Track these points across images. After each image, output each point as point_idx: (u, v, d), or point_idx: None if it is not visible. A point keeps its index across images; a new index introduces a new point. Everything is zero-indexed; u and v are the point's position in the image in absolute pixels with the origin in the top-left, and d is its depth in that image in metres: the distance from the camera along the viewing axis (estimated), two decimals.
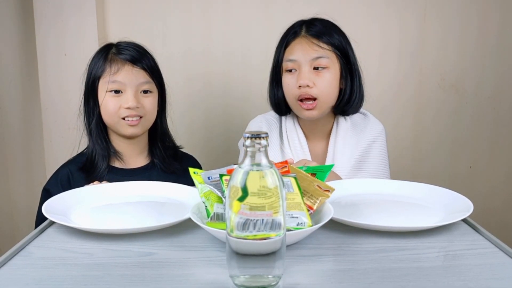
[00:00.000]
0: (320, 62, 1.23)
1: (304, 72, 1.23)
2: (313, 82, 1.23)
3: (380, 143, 1.33)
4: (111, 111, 1.24)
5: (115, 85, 1.24)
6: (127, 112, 1.24)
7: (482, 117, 1.97)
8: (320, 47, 1.23)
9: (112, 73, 1.23)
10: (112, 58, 1.25)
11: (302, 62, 1.24)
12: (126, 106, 1.23)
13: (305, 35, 1.26)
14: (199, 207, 0.88)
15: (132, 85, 1.24)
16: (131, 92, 1.24)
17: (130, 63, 1.25)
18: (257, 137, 0.64)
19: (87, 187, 1.07)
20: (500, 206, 2.03)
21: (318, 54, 1.23)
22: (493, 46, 1.92)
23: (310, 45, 1.24)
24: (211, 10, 1.86)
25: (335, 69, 1.25)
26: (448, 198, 0.98)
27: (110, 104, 1.24)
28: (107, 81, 1.23)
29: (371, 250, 0.79)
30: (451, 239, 0.83)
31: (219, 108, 1.92)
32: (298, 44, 1.25)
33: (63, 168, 1.29)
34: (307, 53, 1.23)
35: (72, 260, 0.76)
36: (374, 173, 1.30)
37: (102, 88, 1.25)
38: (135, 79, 1.24)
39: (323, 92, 1.24)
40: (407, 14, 1.89)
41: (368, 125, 1.34)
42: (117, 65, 1.24)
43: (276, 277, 0.65)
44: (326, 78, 1.24)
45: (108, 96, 1.24)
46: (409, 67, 1.93)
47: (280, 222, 0.64)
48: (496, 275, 0.70)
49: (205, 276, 0.70)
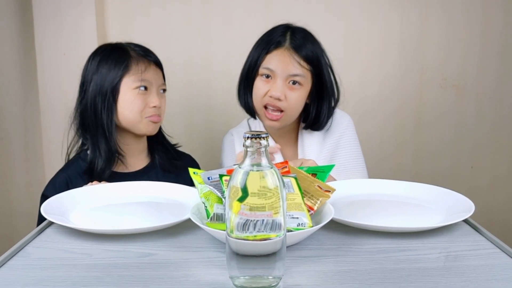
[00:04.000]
0: (296, 79, 1.24)
1: (278, 85, 1.23)
2: (284, 96, 1.24)
3: (349, 135, 1.35)
4: (137, 109, 1.24)
5: (145, 83, 1.24)
6: (152, 111, 1.25)
7: (484, 117, 1.97)
8: (300, 65, 1.24)
9: (141, 70, 1.24)
10: (137, 56, 1.26)
11: (278, 74, 1.24)
12: (153, 105, 1.25)
13: (288, 48, 1.25)
14: (199, 208, 0.87)
15: (155, 84, 1.27)
16: (155, 91, 1.27)
17: (154, 63, 1.28)
18: (257, 137, 0.63)
19: (86, 187, 1.07)
20: (501, 206, 2.03)
21: (297, 71, 1.24)
22: (494, 46, 1.92)
23: (291, 60, 1.23)
24: (211, 10, 1.85)
25: (307, 86, 1.27)
26: (450, 199, 0.97)
27: (139, 101, 1.23)
28: (136, 79, 1.23)
29: (372, 250, 0.78)
30: (452, 239, 0.83)
31: (219, 108, 1.92)
32: (280, 56, 1.24)
33: (60, 174, 1.27)
34: (287, 68, 1.23)
35: (71, 261, 0.75)
36: (346, 164, 1.32)
37: (128, 85, 1.23)
38: (158, 79, 1.28)
39: (291, 107, 1.25)
40: (409, 13, 1.89)
41: (335, 120, 1.35)
42: (144, 63, 1.25)
43: (276, 278, 0.65)
44: (298, 94, 1.25)
45: (135, 93, 1.23)
46: (410, 66, 1.93)
47: (280, 222, 0.64)
48: (498, 275, 0.69)
49: (205, 277, 0.70)
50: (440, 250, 0.78)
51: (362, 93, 1.90)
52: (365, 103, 1.89)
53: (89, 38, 1.76)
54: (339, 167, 1.30)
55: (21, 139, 1.86)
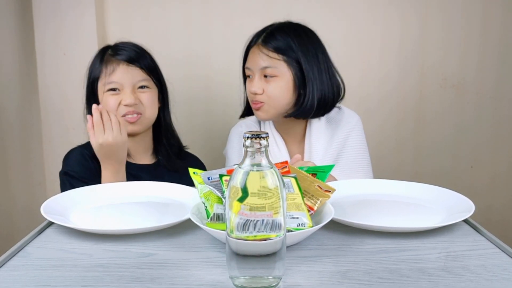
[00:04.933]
0: (268, 71, 1.26)
1: (255, 81, 1.28)
2: (262, 89, 1.27)
3: (356, 134, 1.36)
4: (111, 109, 1.25)
5: (112, 85, 1.27)
6: (126, 109, 1.26)
7: (484, 117, 1.97)
8: (269, 57, 1.26)
9: (108, 73, 1.27)
10: (107, 59, 1.28)
11: (254, 71, 1.29)
12: (125, 103, 1.26)
13: (259, 44, 1.29)
14: (199, 208, 0.87)
15: (128, 83, 1.27)
16: (129, 89, 1.27)
17: (125, 63, 1.28)
18: (257, 137, 0.63)
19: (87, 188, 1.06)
20: (501, 206, 2.02)
21: (266, 63, 1.26)
22: (494, 46, 1.92)
23: (259, 54, 1.27)
24: (211, 9, 1.85)
25: (286, 77, 1.27)
26: (450, 199, 0.97)
27: (110, 102, 1.26)
28: (104, 82, 1.27)
29: (372, 250, 0.78)
30: (452, 239, 0.83)
31: (219, 108, 1.92)
32: (252, 53, 1.30)
33: (76, 151, 1.31)
34: (257, 62, 1.28)
35: (71, 261, 0.75)
36: (351, 163, 1.32)
37: (101, 89, 1.28)
38: (131, 78, 1.28)
39: (270, 98, 1.27)
40: (409, 13, 1.89)
41: (343, 119, 1.37)
42: (112, 66, 1.27)
43: (276, 278, 0.65)
44: (274, 85, 1.27)
45: (106, 95, 1.27)
46: (410, 67, 1.92)
47: (280, 222, 0.64)
48: (498, 276, 0.69)
49: (205, 277, 0.70)
50: (440, 250, 0.78)
51: (362, 93, 1.90)
52: (365, 103, 1.89)
53: (89, 38, 1.76)
54: (344, 165, 1.31)
55: (21, 139, 1.86)
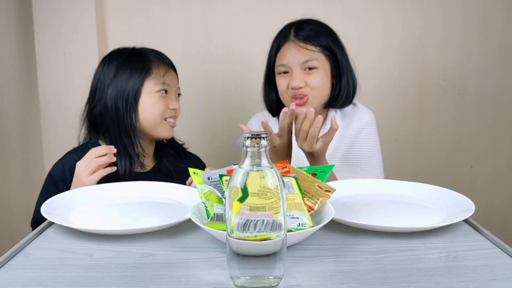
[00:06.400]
0: (310, 64, 1.29)
1: (295, 75, 1.29)
2: (304, 82, 1.29)
3: (369, 131, 1.37)
4: (158, 112, 1.26)
5: (165, 87, 1.28)
6: (171, 113, 1.29)
7: (484, 117, 1.97)
8: (309, 50, 1.29)
9: (162, 74, 1.27)
10: (157, 61, 1.29)
11: (293, 66, 1.30)
12: (172, 107, 1.29)
13: (293, 39, 1.31)
14: (199, 208, 0.87)
15: (174, 88, 1.31)
16: (173, 95, 1.31)
17: (171, 68, 1.32)
18: (257, 137, 0.63)
19: (87, 187, 1.06)
20: (501, 206, 2.02)
21: (307, 57, 1.29)
22: (495, 47, 1.92)
23: (299, 49, 1.29)
24: (211, 9, 1.85)
25: (325, 68, 1.31)
26: (450, 199, 0.97)
27: (160, 103, 1.26)
28: (158, 82, 1.26)
29: (372, 250, 0.78)
30: (452, 239, 0.82)
31: (219, 107, 1.92)
32: (287, 49, 1.31)
33: (71, 155, 1.26)
34: (297, 57, 1.29)
35: (71, 261, 0.75)
36: (360, 160, 1.33)
37: (150, 88, 1.26)
38: (175, 83, 1.32)
39: (314, 90, 1.30)
40: (408, 14, 1.89)
41: (357, 114, 1.38)
42: (164, 67, 1.29)
43: (276, 278, 0.65)
44: (317, 77, 1.29)
45: (157, 96, 1.26)
46: (410, 67, 1.92)
47: (280, 222, 0.64)
48: (498, 276, 0.69)
49: (205, 277, 0.70)
50: (441, 250, 0.78)
51: (362, 93, 1.89)
52: (365, 103, 1.88)
53: (89, 38, 1.76)
54: (351, 161, 1.32)
55: (20, 138, 1.86)
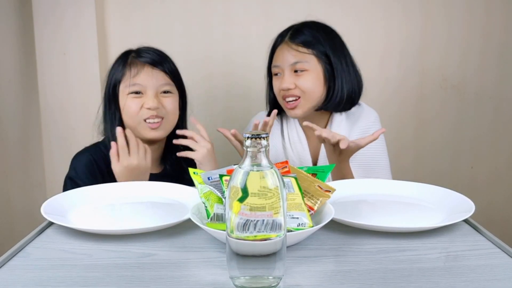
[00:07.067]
0: (299, 66, 1.29)
1: (285, 77, 1.30)
2: (294, 84, 1.29)
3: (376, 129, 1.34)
4: (132, 113, 1.24)
5: (135, 88, 1.25)
6: (148, 113, 1.24)
7: (484, 117, 1.97)
8: (299, 52, 1.29)
9: (132, 76, 1.25)
10: (131, 62, 1.27)
11: (284, 67, 1.31)
12: (147, 107, 1.23)
13: (286, 42, 1.32)
14: (199, 208, 0.87)
15: (152, 87, 1.25)
16: (151, 93, 1.25)
17: (150, 66, 1.26)
18: (257, 137, 0.63)
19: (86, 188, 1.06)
20: (501, 206, 2.02)
21: (296, 59, 1.29)
22: (495, 47, 1.92)
23: (289, 51, 1.30)
24: (211, 7, 1.85)
25: (316, 70, 1.30)
26: (450, 199, 0.97)
27: (132, 105, 1.24)
28: (127, 84, 1.25)
29: (372, 250, 0.78)
30: (452, 239, 0.83)
31: (219, 108, 1.92)
32: (280, 51, 1.33)
33: (86, 156, 1.27)
34: (286, 59, 1.30)
35: (71, 261, 0.75)
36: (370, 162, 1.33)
37: (123, 91, 1.26)
38: (155, 81, 1.25)
39: (304, 92, 1.30)
40: (409, 14, 1.89)
41: (362, 114, 1.39)
42: (136, 68, 1.25)
43: (276, 278, 0.65)
44: (307, 79, 1.29)
45: (129, 98, 1.25)
46: (410, 67, 1.92)
47: (280, 222, 0.64)
48: (498, 276, 0.69)
49: (205, 277, 0.70)
50: (440, 250, 0.78)
51: (363, 93, 1.90)
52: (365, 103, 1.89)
53: (89, 38, 1.76)
54: (362, 164, 1.32)
55: (21, 139, 1.86)
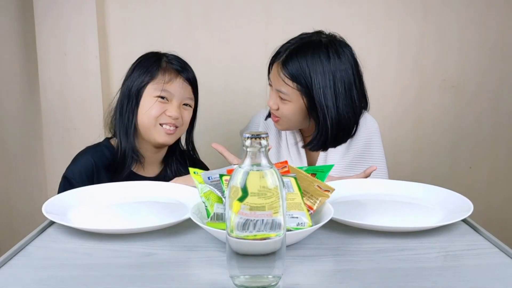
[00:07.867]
0: (281, 95, 1.27)
1: (272, 95, 1.30)
2: (277, 105, 1.29)
3: (376, 141, 1.37)
4: (154, 115, 1.26)
5: (165, 93, 1.27)
6: (167, 119, 1.27)
7: (483, 118, 1.98)
8: (284, 82, 1.25)
9: (165, 81, 1.27)
10: (166, 67, 1.29)
11: (272, 86, 1.30)
12: (169, 114, 1.27)
13: (278, 63, 1.26)
14: (199, 207, 0.88)
15: (179, 97, 1.29)
16: (177, 103, 1.28)
17: (182, 77, 1.29)
18: (257, 138, 0.64)
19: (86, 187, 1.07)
20: (499, 206, 2.03)
21: (280, 87, 1.26)
22: (493, 47, 1.92)
23: (277, 76, 1.26)
24: (212, 6, 1.85)
25: (298, 103, 1.25)
26: (448, 198, 0.98)
27: (156, 108, 1.26)
28: (158, 88, 1.26)
29: (371, 250, 0.79)
30: (451, 239, 0.83)
31: (219, 108, 1.92)
32: (273, 69, 1.29)
33: (86, 157, 1.28)
34: (274, 82, 1.28)
35: (72, 261, 0.76)
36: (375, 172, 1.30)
37: (151, 93, 1.27)
38: (182, 93, 1.29)
39: (285, 118, 1.29)
40: (407, 15, 1.89)
41: (362, 124, 1.36)
42: (170, 75, 1.28)
43: (276, 277, 0.65)
44: (287, 108, 1.27)
45: (154, 101, 1.27)
46: (409, 68, 1.93)
47: (280, 222, 0.64)
48: (496, 275, 0.70)
49: (205, 276, 0.70)
50: (439, 249, 0.78)
51: None
52: None
53: (90, 38, 1.76)
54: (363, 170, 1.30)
55: (22, 139, 1.86)
